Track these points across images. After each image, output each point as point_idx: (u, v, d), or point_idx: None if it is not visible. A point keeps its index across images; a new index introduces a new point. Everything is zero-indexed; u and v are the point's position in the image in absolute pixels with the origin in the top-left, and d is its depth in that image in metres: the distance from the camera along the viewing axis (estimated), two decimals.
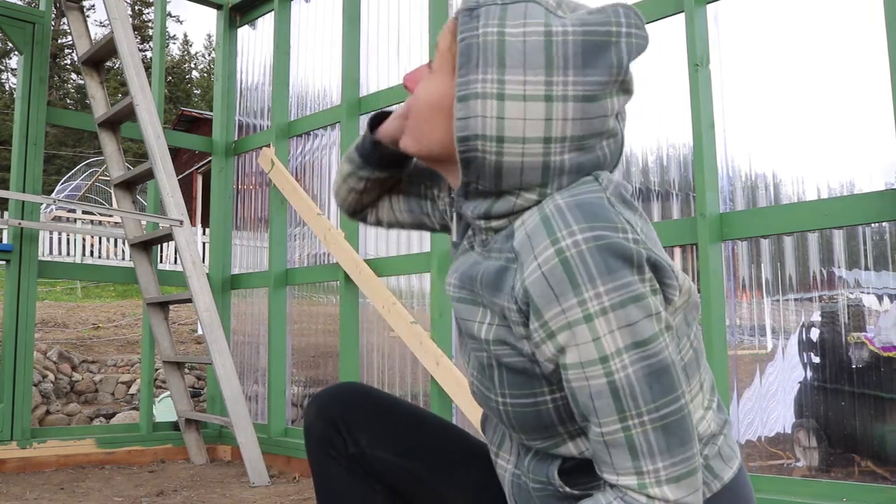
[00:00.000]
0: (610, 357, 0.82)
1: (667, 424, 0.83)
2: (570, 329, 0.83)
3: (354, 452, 1.10)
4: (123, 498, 2.80)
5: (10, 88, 32.42)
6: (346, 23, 3.56)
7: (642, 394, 0.83)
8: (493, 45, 0.88)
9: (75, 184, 17.00)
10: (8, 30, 3.57)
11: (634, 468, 0.84)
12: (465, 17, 0.90)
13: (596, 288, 0.81)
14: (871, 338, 2.40)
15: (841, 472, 2.37)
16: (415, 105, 0.98)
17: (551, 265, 0.83)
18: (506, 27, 0.88)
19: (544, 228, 0.86)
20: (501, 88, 0.87)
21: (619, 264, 0.82)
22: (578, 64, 0.87)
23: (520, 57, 0.87)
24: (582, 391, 0.85)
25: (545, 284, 0.83)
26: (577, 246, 0.82)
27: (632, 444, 0.83)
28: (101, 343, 8.25)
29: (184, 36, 52.01)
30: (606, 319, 0.82)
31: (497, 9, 0.89)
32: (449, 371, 2.83)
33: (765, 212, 2.28)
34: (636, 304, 0.82)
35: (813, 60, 2.37)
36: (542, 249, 0.84)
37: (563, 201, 0.87)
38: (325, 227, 3.46)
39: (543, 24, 0.88)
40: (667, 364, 0.84)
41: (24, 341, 3.44)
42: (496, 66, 0.87)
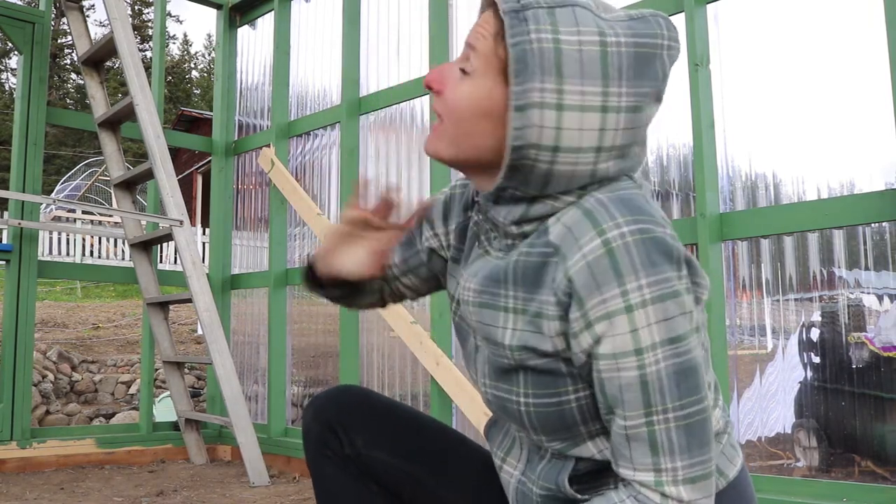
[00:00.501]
0: (645, 350, 0.83)
1: (690, 424, 0.84)
2: (609, 319, 0.83)
3: (350, 453, 1.10)
4: (123, 498, 2.80)
5: (10, 88, 32.42)
6: (346, 23, 3.55)
7: (670, 390, 0.83)
8: (549, 52, 0.85)
9: (75, 184, 16.99)
10: (8, 30, 3.57)
11: (653, 465, 0.85)
12: (513, 20, 0.86)
13: (639, 280, 0.82)
14: (871, 338, 2.40)
15: (841, 472, 2.37)
16: (455, 110, 0.93)
17: (597, 255, 0.84)
18: (560, 34, 0.85)
19: (588, 220, 0.86)
20: (560, 99, 0.85)
21: (661, 258, 0.83)
22: (631, 75, 0.87)
23: (577, 67, 0.85)
24: (612, 382, 0.85)
25: (589, 274, 0.84)
26: (623, 237, 0.83)
27: (653, 439, 0.84)
28: (101, 343, 8.25)
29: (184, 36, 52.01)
30: (646, 312, 0.83)
31: (544, 13, 0.86)
32: (449, 371, 2.83)
33: (765, 212, 2.28)
34: (674, 300, 0.83)
35: (813, 60, 2.37)
36: (588, 240, 0.85)
37: (604, 196, 0.88)
38: (324, 227, 3.46)
39: (598, 33, 0.86)
40: (695, 364, 0.85)
41: (24, 341, 3.44)
42: (554, 76, 0.85)
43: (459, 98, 0.92)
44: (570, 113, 0.86)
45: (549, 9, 0.86)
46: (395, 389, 3.35)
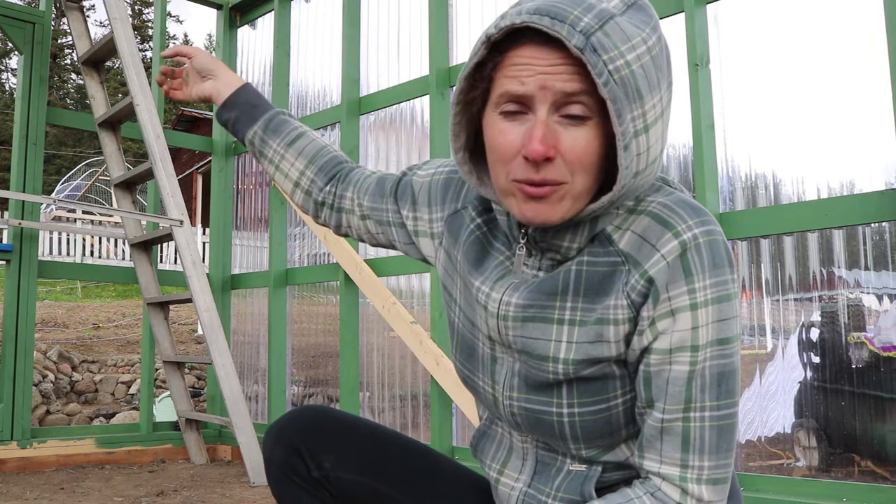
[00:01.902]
0: (700, 347, 0.86)
1: (722, 426, 0.87)
2: (673, 315, 0.86)
3: (318, 476, 1.05)
4: (123, 498, 2.80)
5: (10, 88, 32.43)
6: (346, 23, 3.56)
7: (711, 389, 0.86)
8: (628, 79, 0.80)
9: (75, 184, 16.99)
10: (8, 30, 3.57)
11: (681, 460, 0.86)
12: (591, 57, 0.79)
13: (705, 279, 0.86)
14: (871, 338, 2.39)
15: (841, 472, 2.37)
16: (583, 161, 0.84)
17: (675, 255, 0.86)
18: (626, 56, 0.81)
19: (661, 225, 0.88)
20: (645, 120, 0.82)
21: (723, 260, 0.87)
22: (665, 71, 0.86)
23: (646, 82, 0.82)
24: (660, 375, 0.87)
25: (668, 273, 0.86)
26: (695, 239, 0.86)
27: (687, 434, 0.86)
28: (101, 343, 8.25)
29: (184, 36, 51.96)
30: (707, 311, 0.86)
31: (602, 36, 0.80)
32: (449, 371, 2.83)
33: (765, 212, 2.28)
34: (729, 303, 0.87)
35: (813, 60, 2.37)
36: (665, 242, 0.87)
37: (668, 200, 0.90)
38: (325, 227, 3.45)
39: (641, 41, 0.82)
40: (734, 368, 0.88)
41: (24, 341, 3.44)
42: (637, 101, 0.81)
43: (585, 148, 0.84)
44: (652, 129, 0.84)
45: (601, 28, 0.80)
46: (395, 389, 3.35)
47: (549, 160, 0.83)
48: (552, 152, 0.83)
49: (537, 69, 0.82)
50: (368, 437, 1.10)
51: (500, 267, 0.98)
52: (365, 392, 3.49)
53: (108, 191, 15.44)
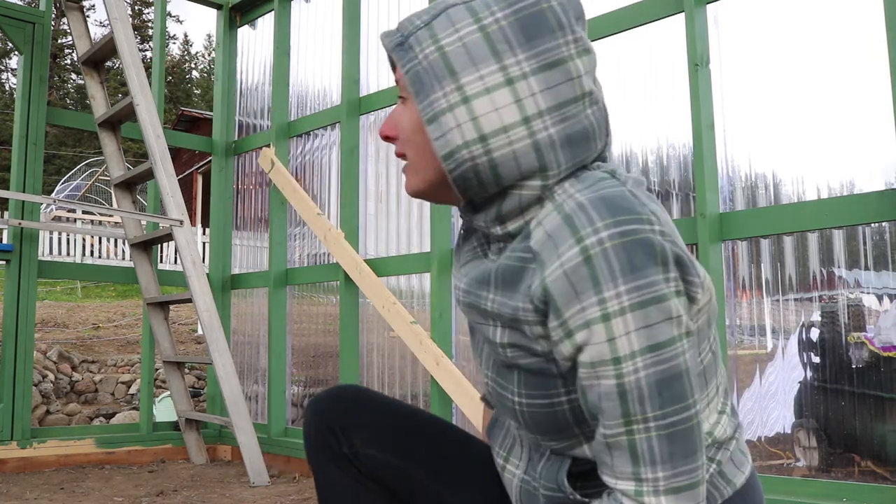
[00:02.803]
0: (623, 359, 0.81)
1: (672, 433, 0.82)
2: (588, 328, 0.82)
3: (348, 452, 1.10)
4: (123, 498, 2.80)
5: (10, 88, 32.42)
6: (346, 23, 3.56)
7: (651, 399, 0.81)
8: (437, 61, 0.89)
9: (75, 184, 17.00)
10: (8, 30, 3.57)
11: (633, 474, 0.82)
12: (399, 54, 0.92)
13: (617, 287, 0.80)
14: (871, 338, 2.39)
15: (841, 472, 2.37)
16: (406, 134, 0.96)
17: (574, 263, 0.82)
18: (441, 41, 0.89)
19: (567, 227, 0.84)
20: (463, 93, 0.88)
21: (644, 261, 0.81)
22: (522, 40, 0.88)
23: (466, 58, 0.88)
24: (592, 390, 0.84)
25: (567, 283, 0.82)
26: (601, 243, 0.81)
27: (634, 448, 0.82)
28: (101, 343, 8.25)
29: (184, 36, 52.02)
30: (624, 320, 0.80)
31: (423, 32, 0.91)
32: (449, 371, 2.83)
33: (765, 212, 2.28)
34: (657, 306, 0.81)
35: (813, 60, 2.37)
36: (567, 248, 0.83)
37: (585, 197, 0.86)
38: (325, 227, 3.46)
39: (473, 21, 0.89)
40: (680, 371, 0.82)
41: (24, 341, 3.44)
42: (449, 77, 0.88)
43: (406, 123, 0.96)
44: (478, 100, 0.88)
45: (427, 26, 0.91)
46: (395, 389, 3.35)
47: (391, 139, 0.98)
48: (389, 131, 0.98)
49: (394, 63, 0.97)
50: (403, 419, 1.14)
51: (468, 252, 1.04)
52: None
53: (108, 191, 15.44)
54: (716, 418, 0.95)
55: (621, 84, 2.71)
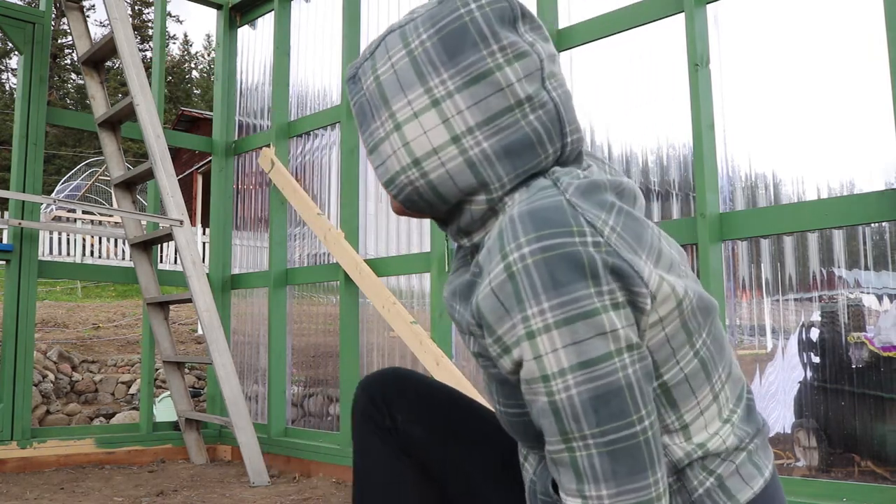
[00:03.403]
0: (552, 377, 0.78)
1: (614, 451, 0.78)
2: (519, 345, 0.80)
3: (389, 426, 1.15)
4: (123, 498, 2.80)
5: (10, 88, 32.42)
6: (346, 23, 3.56)
7: (585, 416, 0.78)
8: (373, 91, 0.92)
9: (75, 184, 16.99)
10: (8, 30, 3.57)
11: (578, 491, 0.80)
12: (351, 87, 0.96)
13: (540, 304, 0.78)
14: (871, 338, 2.39)
15: (841, 472, 2.37)
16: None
17: (499, 281, 0.80)
18: (378, 70, 0.92)
19: (497, 242, 0.82)
20: (395, 120, 0.90)
21: (570, 276, 0.77)
22: (444, 59, 0.88)
23: (395, 85, 0.90)
24: (532, 406, 0.83)
25: (495, 300, 0.81)
26: (523, 259, 0.79)
27: (576, 465, 0.80)
28: (101, 343, 8.25)
29: (184, 36, 52.02)
30: (550, 337, 0.78)
31: (368, 64, 0.94)
32: (449, 371, 2.83)
33: (765, 212, 2.28)
34: (585, 321, 0.77)
35: (813, 60, 2.37)
36: (494, 265, 0.81)
37: (517, 211, 0.83)
38: (325, 227, 3.46)
39: (402, 46, 0.90)
40: (618, 387, 0.78)
41: (24, 341, 3.44)
42: (383, 106, 0.91)
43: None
44: (408, 125, 0.89)
45: (371, 57, 0.94)
46: None
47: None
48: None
49: None
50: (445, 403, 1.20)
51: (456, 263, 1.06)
52: None
53: (108, 191, 15.43)
54: (716, 427, 0.90)
55: (621, 84, 2.71)
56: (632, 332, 0.80)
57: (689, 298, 0.86)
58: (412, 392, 1.19)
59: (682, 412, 0.88)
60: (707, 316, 0.89)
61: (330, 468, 3.24)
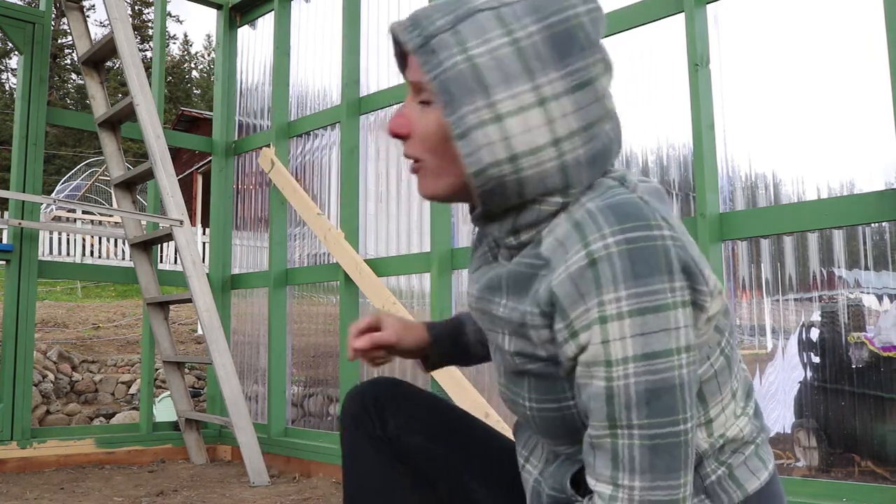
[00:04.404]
0: (614, 363, 0.80)
1: (656, 446, 0.80)
2: (589, 329, 0.82)
3: (381, 435, 1.15)
4: (123, 498, 2.80)
5: (10, 88, 32.42)
6: (346, 23, 3.56)
7: (637, 407, 0.80)
8: (466, 73, 0.86)
9: (75, 184, 17.00)
10: (8, 30, 3.57)
11: (611, 478, 0.82)
12: (423, 57, 0.88)
13: (618, 291, 0.80)
14: (871, 338, 2.39)
15: (841, 472, 2.37)
16: (427, 141, 0.93)
17: (579, 267, 0.82)
18: (470, 50, 0.86)
19: (577, 233, 0.85)
20: (495, 111, 0.85)
21: (649, 268, 0.80)
22: (555, 58, 0.86)
23: (498, 73, 0.85)
24: (584, 389, 0.84)
25: (572, 286, 0.83)
26: (607, 248, 0.81)
27: (615, 452, 0.82)
28: (101, 343, 8.25)
29: (184, 36, 52.03)
30: (621, 325, 0.80)
31: (449, 35, 0.87)
32: (449, 371, 2.83)
33: (765, 212, 2.28)
34: (656, 315, 0.80)
35: (813, 61, 2.37)
36: (574, 253, 0.83)
37: (595, 205, 0.86)
38: (325, 227, 3.46)
39: (505, 33, 0.86)
40: (673, 384, 0.81)
41: (24, 341, 3.44)
42: (480, 92, 0.86)
43: (427, 128, 0.92)
44: (511, 119, 0.85)
45: (452, 29, 0.87)
46: None
47: (402, 137, 0.95)
48: (401, 130, 0.95)
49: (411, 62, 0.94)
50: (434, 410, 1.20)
51: (479, 258, 1.05)
52: None
53: (108, 191, 15.43)
54: (734, 420, 0.95)
55: (621, 84, 2.71)
56: (692, 333, 0.83)
57: (724, 298, 0.91)
58: (402, 398, 1.18)
59: (709, 408, 0.92)
60: (728, 314, 0.94)
61: (330, 468, 3.24)
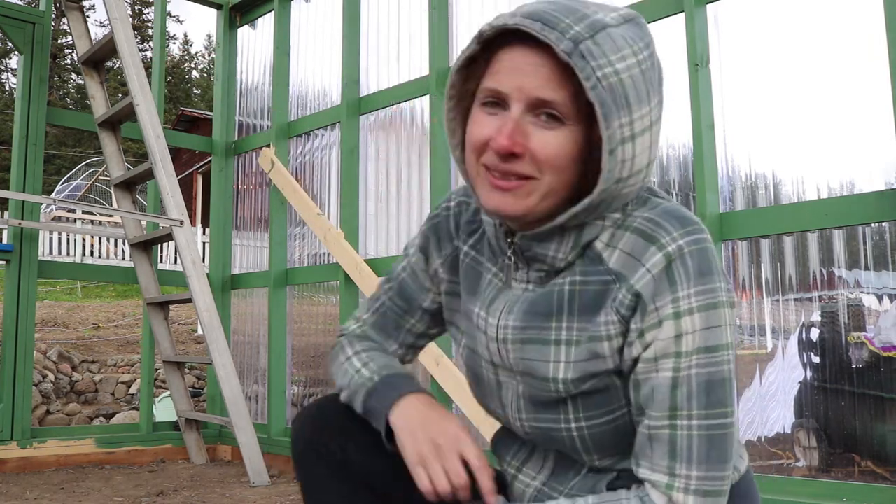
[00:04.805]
0: (683, 354, 0.86)
1: (712, 436, 0.86)
2: (660, 325, 0.87)
3: (342, 458, 1.08)
4: (123, 498, 2.80)
5: (10, 88, 32.42)
6: (346, 23, 3.56)
7: (698, 397, 0.86)
8: (617, 87, 0.84)
9: (75, 184, 17.00)
10: (8, 30, 3.57)
11: (668, 468, 0.86)
12: (579, 62, 0.83)
13: (689, 288, 0.86)
14: (871, 338, 2.39)
15: (841, 472, 2.37)
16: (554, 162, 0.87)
17: (660, 268, 0.87)
18: (615, 64, 0.84)
19: (646, 241, 0.89)
20: (632, 129, 0.85)
21: (711, 267, 0.88)
22: (655, 87, 0.88)
23: (634, 93, 0.85)
24: (646, 383, 0.88)
25: (654, 284, 0.87)
26: (680, 250, 0.87)
27: (674, 442, 0.86)
28: (101, 343, 8.25)
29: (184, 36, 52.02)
30: (692, 319, 0.86)
31: (592, 45, 0.83)
32: (449, 370, 2.83)
33: (765, 212, 2.28)
34: (716, 311, 0.87)
35: (813, 61, 2.37)
36: (650, 256, 0.88)
37: (652, 214, 0.91)
38: (325, 227, 3.46)
39: (632, 53, 0.85)
40: (724, 377, 0.87)
41: (24, 341, 3.44)
42: (625, 108, 0.84)
43: (557, 150, 0.87)
44: (638, 139, 0.87)
45: (592, 39, 0.84)
46: None
47: (515, 156, 0.87)
48: (518, 148, 0.86)
49: (520, 69, 0.86)
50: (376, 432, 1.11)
51: (491, 286, 1.01)
52: None
53: (108, 191, 15.43)
54: None
55: None
56: (734, 331, 0.90)
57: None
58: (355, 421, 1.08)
59: None
60: None
61: None
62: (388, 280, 1.18)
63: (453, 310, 1.10)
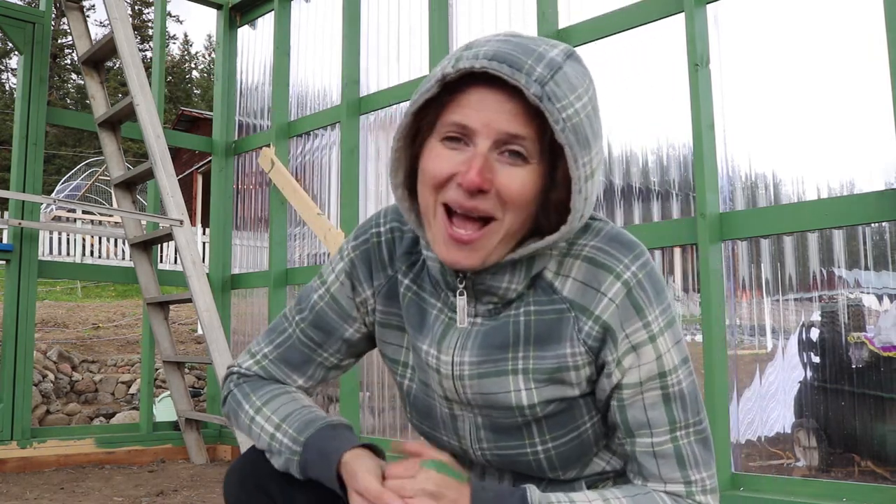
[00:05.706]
0: (668, 372, 0.90)
1: (704, 438, 0.93)
2: (636, 351, 0.90)
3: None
4: (123, 498, 2.80)
5: (11, 88, 32.42)
6: (346, 23, 3.56)
7: (691, 406, 0.92)
8: (579, 126, 0.84)
9: (75, 184, 16.99)
10: (8, 30, 3.57)
11: (683, 477, 0.91)
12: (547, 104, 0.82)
13: (654, 310, 0.90)
14: (871, 338, 2.39)
15: (841, 472, 2.37)
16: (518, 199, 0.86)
17: (621, 297, 0.89)
18: (574, 105, 0.84)
19: (600, 269, 0.91)
20: (591, 166, 0.86)
21: (662, 285, 0.92)
22: (600, 122, 0.89)
23: (591, 131, 0.86)
24: (635, 406, 0.91)
25: (619, 314, 0.89)
26: (634, 276, 0.90)
27: (680, 454, 0.91)
28: (101, 343, 8.25)
29: (184, 36, 52.01)
30: (664, 338, 0.90)
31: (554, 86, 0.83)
32: None
33: (765, 212, 2.28)
34: (676, 323, 0.93)
35: (813, 61, 2.37)
36: (609, 286, 0.90)
37: (599, 242, 0.92)
38: (325, 227, 3.46)
39: (584, 93, 0.86)
40: (695, 383, 0.94)
41: (24, 341, 3.44)
42: (587, 147, 0.85)
43: (521, 187, 0.86)
44: (596, 175, 0.89)
45: (552, 79, 0.83)
46: (394, 389, 3.35)
47: (482, 192, 0.85)
48: (487, 185, 0.84)
49: (489, 107, 0.85)
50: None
51: (438, 322, 0.97)
52: (365, 392, 3.49)
53: (108, 191, 15.43)
54: None
55: (621, 84, 2.71)
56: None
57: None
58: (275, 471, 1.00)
59: None
60: None
61: None
62: (299, 310, 1.09)
63: (387, 342, 1.05)
